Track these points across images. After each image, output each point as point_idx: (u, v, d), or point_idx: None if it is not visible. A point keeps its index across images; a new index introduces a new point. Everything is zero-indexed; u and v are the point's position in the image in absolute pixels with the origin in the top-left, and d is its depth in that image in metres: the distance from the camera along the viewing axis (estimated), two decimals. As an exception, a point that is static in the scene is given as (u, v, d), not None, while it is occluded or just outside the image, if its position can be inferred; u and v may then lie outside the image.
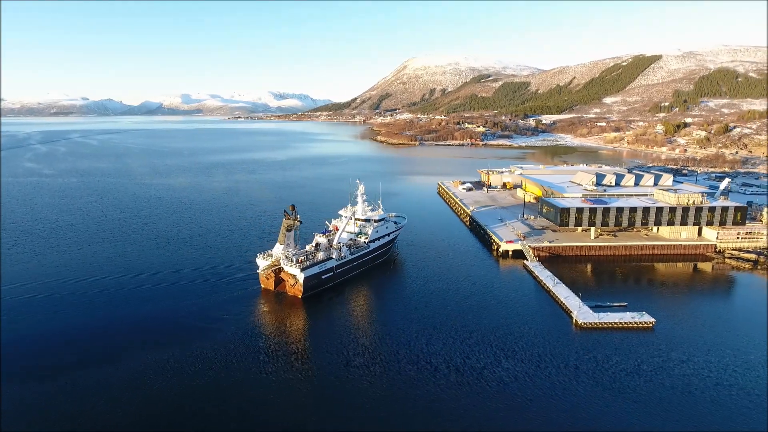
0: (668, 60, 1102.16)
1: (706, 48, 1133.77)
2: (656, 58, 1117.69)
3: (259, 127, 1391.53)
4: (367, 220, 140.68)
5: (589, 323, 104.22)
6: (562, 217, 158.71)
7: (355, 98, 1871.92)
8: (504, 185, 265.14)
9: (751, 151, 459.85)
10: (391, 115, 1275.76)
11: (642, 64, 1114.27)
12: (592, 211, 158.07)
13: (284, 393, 79.62)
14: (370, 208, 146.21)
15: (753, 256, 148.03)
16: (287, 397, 78.41)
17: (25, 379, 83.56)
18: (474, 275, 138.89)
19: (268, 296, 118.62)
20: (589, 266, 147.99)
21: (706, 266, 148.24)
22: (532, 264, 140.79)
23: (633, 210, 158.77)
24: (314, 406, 76.62)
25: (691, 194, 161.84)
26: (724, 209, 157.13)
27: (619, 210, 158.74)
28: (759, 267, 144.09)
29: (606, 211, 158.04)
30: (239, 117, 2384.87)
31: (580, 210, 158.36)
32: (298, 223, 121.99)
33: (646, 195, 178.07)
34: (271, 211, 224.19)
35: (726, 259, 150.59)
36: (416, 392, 79.75)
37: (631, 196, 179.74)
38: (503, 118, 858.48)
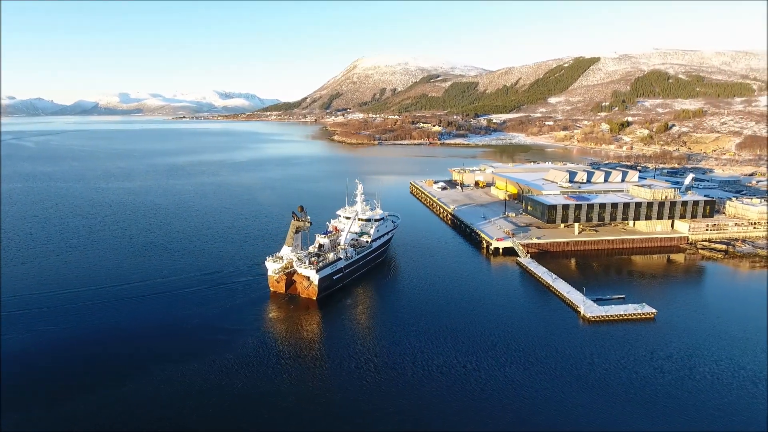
0: (606, 62, 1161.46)
1: (640, 51, 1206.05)
2: (595, 60, 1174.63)
3: (206, 127, 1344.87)
4: (368, 220, 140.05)
5: (596, 316, 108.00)
6: (549, 214, 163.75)
7: (305, 98, 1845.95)
8: (476, 183, 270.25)
9: (690, 148, 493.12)
10: (343, 115, 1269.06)
11: (582, 65, 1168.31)
12: (577, 207, 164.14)
13: (315, 403, 77.04)
14: (369, 207, 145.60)
15: (723, 247, 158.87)
16: (318, 408, 75.82)
17: (29, 403, 76.30)
18: (470, 273, 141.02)
19: (280, 300, 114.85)
20: (573, 260, 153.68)
21: (680, 257, 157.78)
22: (526, 261, 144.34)
23: (614, 206, 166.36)
24: (347, 416, 74.44)
25: (664, 190, 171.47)
26: (695, 203, 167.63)
27: (602, 206, 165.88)
28: (729, 256, 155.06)
29: (590, 207, 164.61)
30: (184, 117, 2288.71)
31: (566, 207, 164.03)
32: (308, 225, 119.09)
33: (621, 191, 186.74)
34: (248, 213, 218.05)
35: (699, 250, 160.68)
36: (436, 395, 79.23)
37: (608, 192, 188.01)
38: (455, 117, 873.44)
